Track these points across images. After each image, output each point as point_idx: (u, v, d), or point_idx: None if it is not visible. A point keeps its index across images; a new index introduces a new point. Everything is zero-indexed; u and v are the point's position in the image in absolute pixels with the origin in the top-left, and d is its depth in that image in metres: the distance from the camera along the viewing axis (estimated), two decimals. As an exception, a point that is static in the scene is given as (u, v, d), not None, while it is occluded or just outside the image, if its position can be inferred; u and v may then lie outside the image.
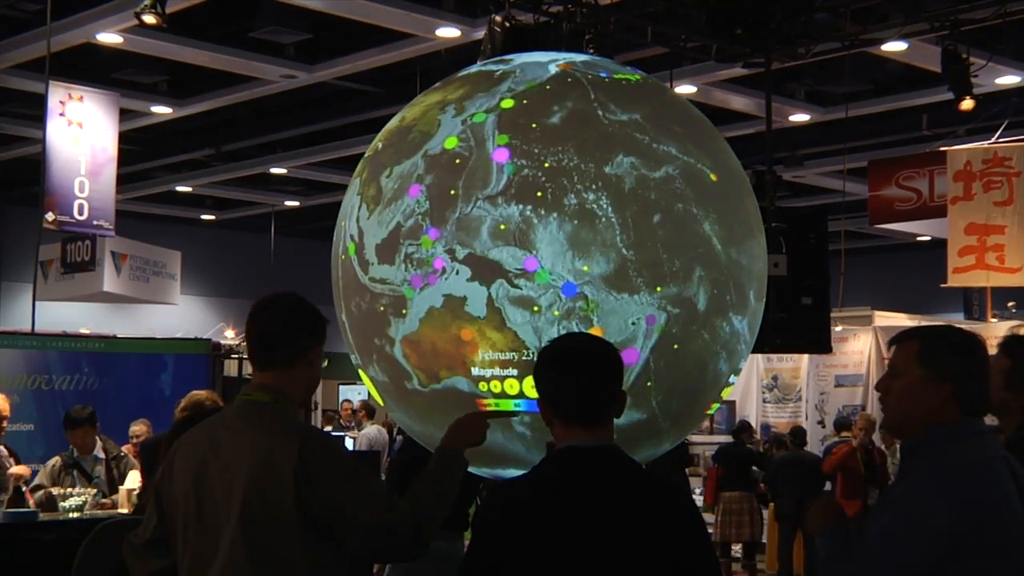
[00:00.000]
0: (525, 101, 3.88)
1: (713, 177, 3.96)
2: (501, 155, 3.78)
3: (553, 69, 4.04)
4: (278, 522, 2.69)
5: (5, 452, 7.05)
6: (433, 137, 3.89)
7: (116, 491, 7.32)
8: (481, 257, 3.75)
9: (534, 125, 3.81)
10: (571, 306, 3.75)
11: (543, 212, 3.72)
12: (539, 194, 3.72)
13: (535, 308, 3.77)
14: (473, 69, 4.36)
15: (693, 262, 3.85)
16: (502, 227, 3.74)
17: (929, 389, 2.67)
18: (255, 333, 2.94)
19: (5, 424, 6.99)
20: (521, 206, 3.73)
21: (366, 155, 4.27)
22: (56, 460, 7.30)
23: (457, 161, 3.81)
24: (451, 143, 3.85)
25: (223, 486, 2.74)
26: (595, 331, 3.72)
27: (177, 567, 2.82)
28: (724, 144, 4.31)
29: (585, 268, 3.71)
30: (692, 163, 3.90)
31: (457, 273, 3.78)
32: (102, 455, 7.47)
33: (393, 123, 4.22)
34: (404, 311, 3.90)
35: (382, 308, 3.95)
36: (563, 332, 3.71)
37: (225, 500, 2.73)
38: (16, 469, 6.95)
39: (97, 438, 7.45)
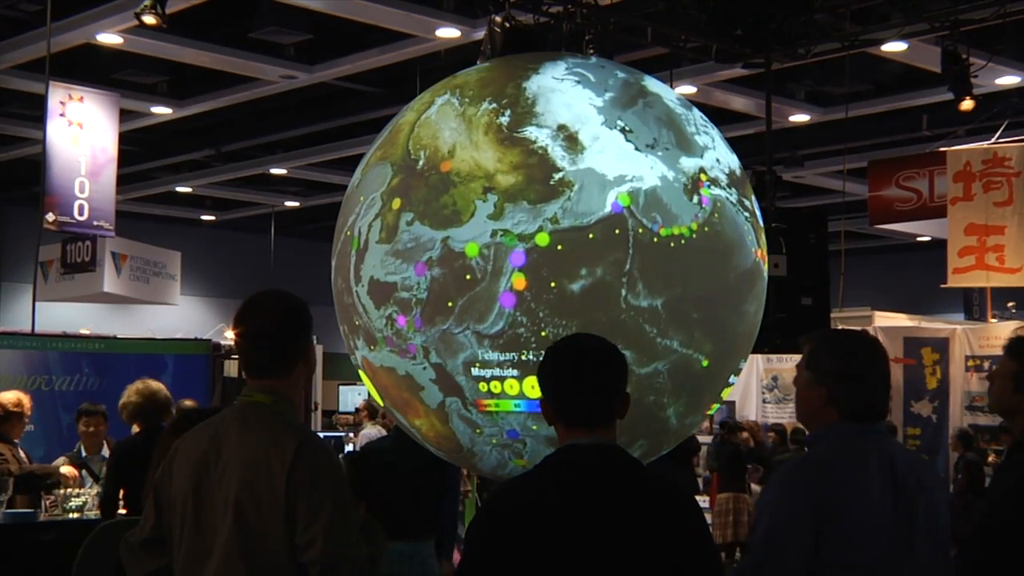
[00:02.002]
0: (560, 247, 3.71)
1: (705, 364, 3.93)
2: (508, 300, 3.72)
3: (611, 200, 3.76)
4: (270, 525, 2.69)
5: (23, 455, 7.05)
6: (463, 225, 3.77)
7: None
8: (449, 375, 3.82)
9: (553, 284, 3.70)
10: (509, 443, 3.90)
11: (517, 374, 3.76)
12: (522, 356, 3.73)
13: (477, 430, 3.91)
14: (555, 116, 3.92)
15: (641, 436, 3.97)
16: (477, 364, 3.79)
17: (812, 391, 2.84)
18: (250, 336, 2.92)
19: (27, 420, 6.99)
20: (501, 357, 3.76)
21: (407, 141, 4.03)
22: (62, 460, 7.29)
23: (468, 277, 3.75)
24: (472, 251, 3.74)
25: (221, 488, 2.74)
26: (523, 462, 3.82)
27: (173, 567, 2.82)
28: (752, 303, 4.16)
29: (534, 427, 3.81)
30: (689, 355, 3.86)
31: (424, 369, 3.85)
32: (108, 454, 7.46)
33: (443, 144, 3.95)
34: (373, 347, 3.97)
35: (357, 323, 4.01)
36: (495, 455, 3.84)
37: (222, 502, 2.73)
38: (68, 470, 6.95)
39: (104, 440, 7.46)
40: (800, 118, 13.20)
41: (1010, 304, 16.18)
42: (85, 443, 7.38)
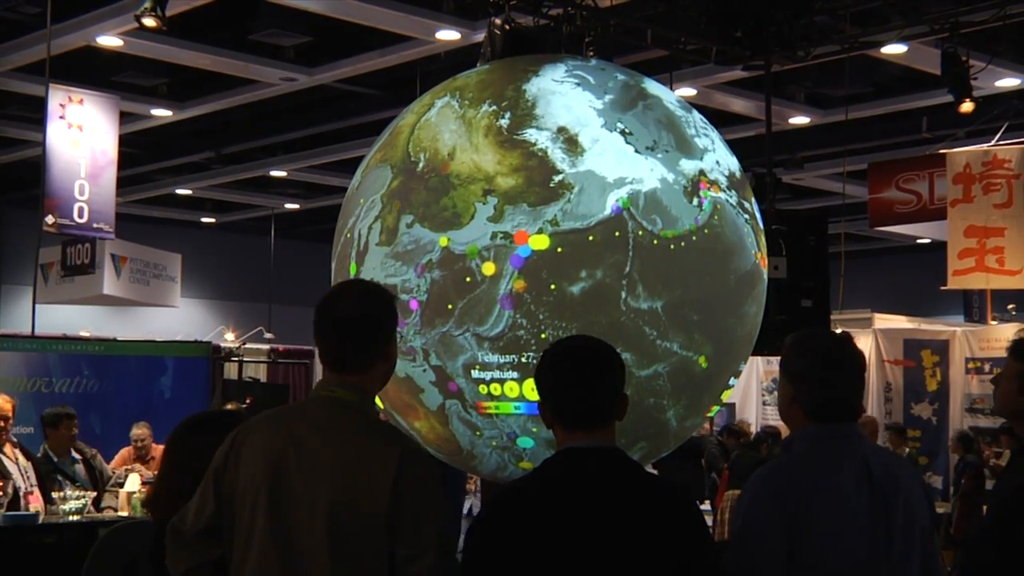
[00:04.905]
0: (560, 249, 3.72)
1: (704, 366, 3.93)
2: (508, 303, 3.73)
3: (611, 203, 3.77)
4: (369, 535, 2.53)
5: (9, 453, 7.03)
6: (463, 228, 3.77)
7: (96, 489, 7.32)
8: (449, 377, 3.81)
9: (552, 287, 3.70)
10: (509, 444, 3.88)
11: (517, 376, 3.76)
12: (522, 359, 3.74)
13: (477, 432, 3.90)
14: (555, 118, 3.92)
15: (641, 439, 3.98)
16: (477, 367, 3.78)
17: (782, 390, 2.81)
18: (333, 327, 2.72)
19: (9, 424, 6.98)
20: (500, 359, 3.77)
21: (407, 143, 4.04)
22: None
23: (468, 279, 3.75)
24: (472, 252, 3.75)
25: (307, 488, 2.57)
26: (525, 465, 3.82)
27: (228, 559, 2.63)
28: (752, 305, 4.15)
29: (535, 430, 3.82)
30: (689, 357, 3.87)
31: (424, 371, 3.84)
32: (77, 455, 7.47)
33: (443, 147, 3.96)
34: None
35: None
36: (495, 457, 3.84)
37: (309, 504, 2.56)
38: None
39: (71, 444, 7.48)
40: (800, 120, 13.20)
41: (1010, 306, 16.18)
42: (56, 446, 7.36)
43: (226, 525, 2.65)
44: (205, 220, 20.97)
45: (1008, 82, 11.39)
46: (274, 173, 16.80)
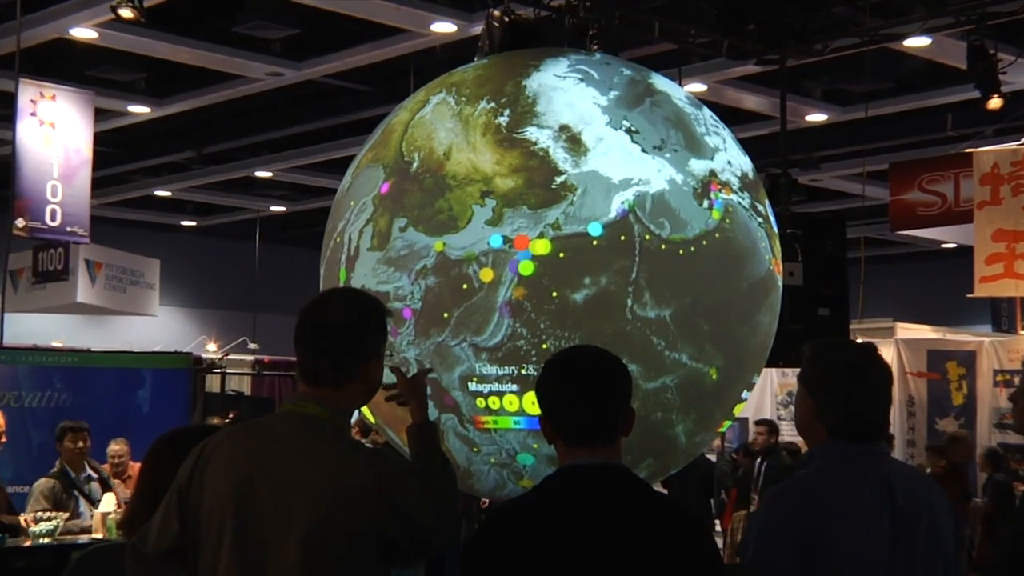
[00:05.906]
0: (562, 255, 3.73)
1: (715, 378, 3.94)
2: (507, 311, 3.73)
3: (617, 205, 3.77)
4: (346, 551, 2.56)
5: None
6: (459, 231, 3.78)
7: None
8: (445, 390, 3.82)
9: (554, 294, 3.71)
10: (508, 461, 3.89)
11: (517, 389, 3.77)
12: (522, 371, 3.74)
13: (475, 449, 3.90)
14: (557, 116, 3.93)
15: (648, 455, 3.98)
16: (475, 379, 3.79)
17: (803, 404, 2.79)
18: (310, 337, 2.72)
19: (4, 439, 7.00)
20: (499, 371, 3.77)
21: (400, 142, 4.06)
22: (53, 483, 7.27)
23: (464, 287, 3.76)
24: (469, 257, 3.76)
25: (278, 507, 2.57)
26: (525, 483, 3.83)
27: None
28: (766, 313, 4.16)
29: (535, 446, 3.82)
30: (699, 368, 3.87)
31: None
32: (93, 473, 7.49)
33: (438, 146, 3.98)
34: None
35: None
36: (494, 475, 3.84)
37: (280, 523, 2.57)
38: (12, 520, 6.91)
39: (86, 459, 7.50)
40: (817, 118, 13.23)
41: (1041, 315, 16.18)
42: (70, 461, 7.37)
43: (190, 548, 2.64)
44: (185, 223, 20.99)
45: (1038, 77, 11.42)
46: (259, 174, 16.82)
